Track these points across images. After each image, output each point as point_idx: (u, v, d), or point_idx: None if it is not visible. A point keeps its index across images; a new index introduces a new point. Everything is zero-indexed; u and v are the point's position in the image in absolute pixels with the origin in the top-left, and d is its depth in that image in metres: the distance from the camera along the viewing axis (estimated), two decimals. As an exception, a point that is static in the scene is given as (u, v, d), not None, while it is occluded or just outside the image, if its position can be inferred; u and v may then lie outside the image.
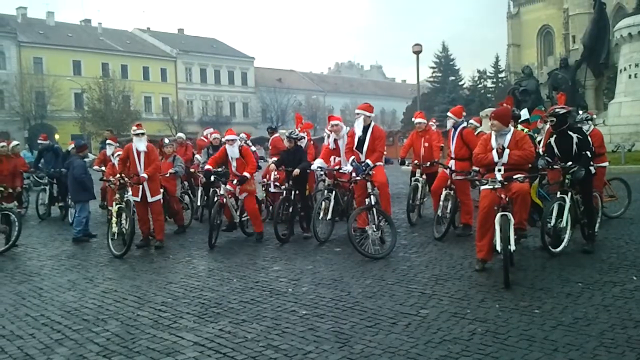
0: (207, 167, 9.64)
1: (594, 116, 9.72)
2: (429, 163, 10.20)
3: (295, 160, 9.62)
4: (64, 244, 10.22)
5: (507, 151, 6.74)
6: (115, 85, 57.72)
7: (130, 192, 9.30)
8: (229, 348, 4.72)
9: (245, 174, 9.44)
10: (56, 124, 54.56)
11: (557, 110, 7.72)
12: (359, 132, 8.95)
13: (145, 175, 9.22)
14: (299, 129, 12.03)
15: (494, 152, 6.80)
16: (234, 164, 9.76)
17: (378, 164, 8.73)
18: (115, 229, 8.80)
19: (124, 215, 8.94)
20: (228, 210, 9.68)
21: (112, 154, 12.11)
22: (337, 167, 9.53)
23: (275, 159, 10.69)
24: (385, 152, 9.92)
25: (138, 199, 9.39)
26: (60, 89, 55.63)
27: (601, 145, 9.35)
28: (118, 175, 9.23)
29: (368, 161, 8.58)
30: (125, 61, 65.04)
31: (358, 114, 9.10)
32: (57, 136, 46.99)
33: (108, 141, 13.07)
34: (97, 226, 11.47)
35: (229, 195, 9.54)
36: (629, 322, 4.89)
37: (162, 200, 9.84)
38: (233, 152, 9.74)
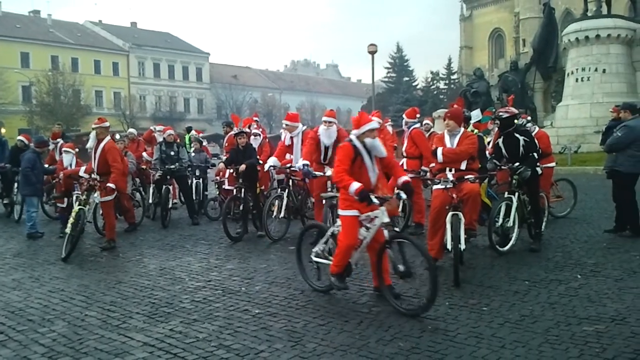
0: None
1: (529, 118, 10.30)
2: (382, 162, 10.29)
3: (244, 158, 9.58)
4: (8, 241, 9.90)
5: (439, 149, 7.02)
6: (65, 79, 56.09)
7: (97, 194, 8.97)
8: (179, 348, 4.66)
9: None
10: (2, 118, 52.60)
11: (500, 114, 7.96)
12: (328, 142, 8.67)
13: (112, 185, 8.85)
14: (239, 127, 11.94)
15: (439, 150, 7.08)
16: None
17: None
18: (69, 229, 8.50)
19: (81, 218, 8.69)
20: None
21: (56, 148, 11.84)
22: (288, 165, 9.53)
23: (224, 157, 10.61)
24: None
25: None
26: (7, 82, 53.67)
27: (547, 146, 9.65)
28: (87, 175, 8.97)
29: None
30: (75, 54, 63.40)
31: (330, 122, 8.68)
32: (3, 130, 45.28)
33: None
34: (44, 224, 11.15)
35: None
36: (573, 320, 5.05)
37: (113, 200, 9.38)
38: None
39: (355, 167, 5.63)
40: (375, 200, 5.43)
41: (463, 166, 7.06)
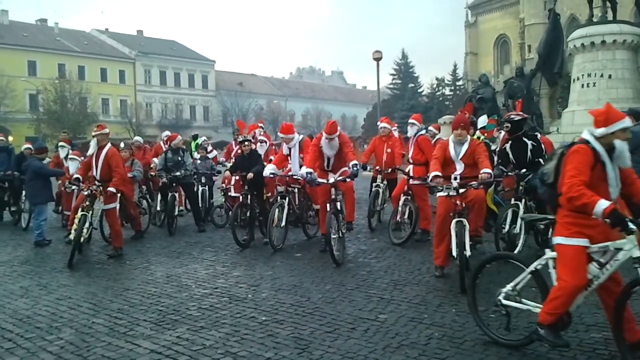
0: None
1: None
2: (390, 169, 10.31)
3: (250, 164, 9.60)
4: (16, 249, 9.93)
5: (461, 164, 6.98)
6: (72, 87, 56.40)
7: (101, 200, 9.00)
8: (186, 356, 4.67)
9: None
10: (10, 126, 52.90)
11: (512, 116, 7.95)
12: (331, 153, 8.79)
13: (113, 190, 8.88)
14: (244, 134, 11.97)
15: (458, 165, 7.01)
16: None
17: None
18: (72, 235, 8.54)
19: (86, 224, 8.72)
20: None
21: (66, 157, 11.89)
22: (290, 174, 9.53)
23: (229, 164, 10.64)
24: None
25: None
26: (14, 90, 54.03)
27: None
28: (87, 184, 9.02)
29: (355, 162, 8.49)
30: (82, 62, 63.66)
31: (332, 138, 8.70)
32: (10, 138, 45.56)
33: (61, 143, 12.79)
34: (52, 231, 11.19)
35: None
36: (580, 327, 5.04)
37: (117, 207, 9.40)
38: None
39: (592, 178, 4.15)
40: (632, 227, 3.96)
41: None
